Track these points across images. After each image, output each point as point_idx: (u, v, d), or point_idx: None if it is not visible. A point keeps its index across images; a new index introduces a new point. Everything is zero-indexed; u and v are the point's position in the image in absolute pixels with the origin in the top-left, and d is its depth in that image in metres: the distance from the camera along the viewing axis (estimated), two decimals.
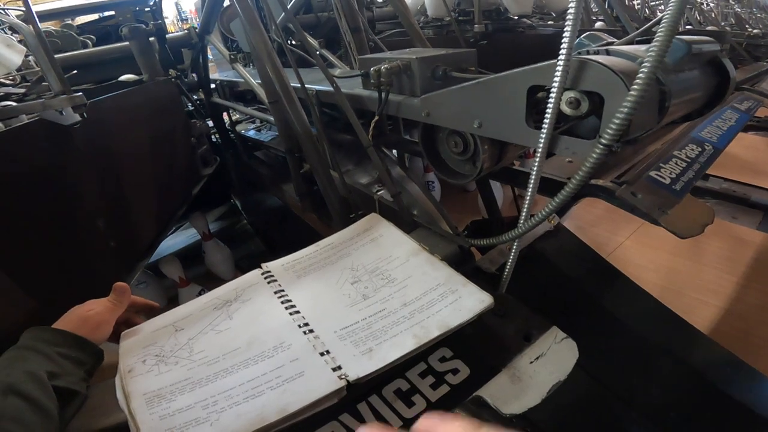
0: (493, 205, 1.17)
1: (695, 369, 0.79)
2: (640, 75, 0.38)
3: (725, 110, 1.07)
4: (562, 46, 0.42)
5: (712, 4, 2.13)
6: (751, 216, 1.66)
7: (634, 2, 2.18)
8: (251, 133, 1.63)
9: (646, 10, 2.12)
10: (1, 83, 0.79)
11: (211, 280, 1.87)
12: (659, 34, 0.37)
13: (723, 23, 2.08)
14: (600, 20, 1.79)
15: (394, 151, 1.06)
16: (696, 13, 1.96)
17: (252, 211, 2.13)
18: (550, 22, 1.89)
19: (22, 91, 0.77)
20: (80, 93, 0.67)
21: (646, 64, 0.37)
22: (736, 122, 1.10)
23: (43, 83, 0.69)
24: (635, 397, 0.74)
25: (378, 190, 0.92)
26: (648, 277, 0.90)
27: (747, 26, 2.31)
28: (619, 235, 1.77)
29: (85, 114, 0.68)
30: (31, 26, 0.63)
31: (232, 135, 1.73)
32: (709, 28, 1.69)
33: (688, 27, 1.69)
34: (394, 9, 1.13)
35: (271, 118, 1.19)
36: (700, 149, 0.96)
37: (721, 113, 1.04)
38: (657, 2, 2.32)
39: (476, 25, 1.63)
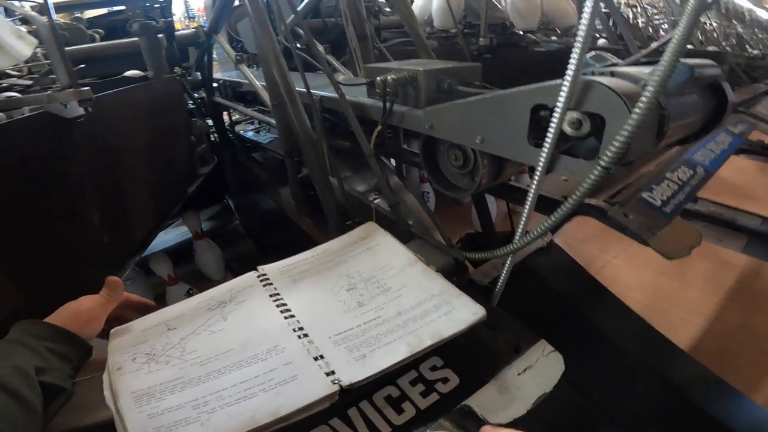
0: (487, 219, 1.18)
1: (675, 385, 0.80)
2: (643, 98, 0.38)
3: (719, 133, 1.09)
4: (569, 67, 0.42)
5: (714, 24, 2.15)
6: (737, 239, 1.70)
7: (639, 20, 2.20)
8: (250, 134, 1.63)
9: (650, 28, 2.13)
10: (8, 74, 0.78)
11: (200, 280, 1.85)
12: (664, 57, 0.37)
13: (724, 43, 2.11)
14: (603, 37, 1.81)
15: (392, 161, 1.06)
16: (698, 32, 1.98)
17: (245, 212, 2.12)
18: (553, 38, 1.90)
19: (27, 82, 0.77)
20: (87, 87, 0.67)
21: (649, 87, 0.38)
22: (728, 146, 1.12)
23: (51, 76, 0.68)
24: (617, 410, 0.75)
25: (374, 198, 0.92)
26: (634, 295, 0.92)
27: (747, 47, 2.33)
28: (608, 253, 1.80)
29: (90, 108, 0.68)
30: (45, 18, 0.63)
31: (230, 135, 1.73)
32: (710, 48, 1.71)
33: (689, 47, 1.70)
34: (402, 19, 1.14)
35: (272, 121, 1.19)
36: (692, 172, 0.98)
37: (714, 136, 1.06)
38: (660, 21, 2.34)
39: (481, 39, 1.64)
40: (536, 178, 0.50)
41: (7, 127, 0.62)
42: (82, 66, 0.66)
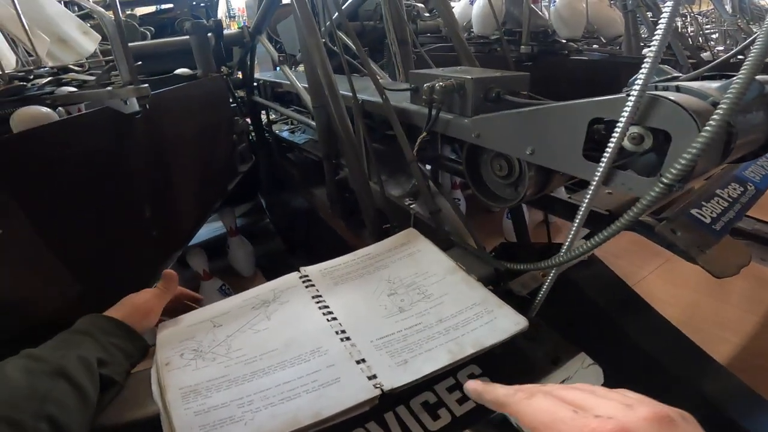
0: (523, 230, 1.17)
1: (713, 400, 0.77)
2: (715, 116, 0.37)
3: None
4: (637, 81, 0.41)
5: None
6: None
7: (688, 29, 2.13)
8: (285, 134, 1.65)
9: (700, 39, 2.07)
10: (68, 68, 0.81)
11: (230, 276, 1.88)
12: (740, 75, 0.36)
13: None
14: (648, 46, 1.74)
15: (427, 166, 1.06)
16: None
17: (277, 210, 2.15)
18: (595, 46, 1.85)
19: (88, 77, 0.79)
20: (146, 85, 0.69)
21: (722, 105, 0.37)
22: None
23: (113, 72, 0.71)
24: None
25: (409, 204, 0.92)
26: (669, 311, 0.90)
27: None
28: (644, 269, 1.77)
29: (147, 105, 0.70)
30: (112, 14, 0.65)
31: (267, 134, 1.76)
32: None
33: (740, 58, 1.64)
34: (446, 25, 1.14)
35: (310, 122, 1.20)
36: (742, 189, 0.94)
37: None
38: (711, 30, 2.26)
39: (523, 46, 1.61)
40: (590, 192, 0.49)
41: (75, 121, 0.65)
42: (139, 63, 0.68)
